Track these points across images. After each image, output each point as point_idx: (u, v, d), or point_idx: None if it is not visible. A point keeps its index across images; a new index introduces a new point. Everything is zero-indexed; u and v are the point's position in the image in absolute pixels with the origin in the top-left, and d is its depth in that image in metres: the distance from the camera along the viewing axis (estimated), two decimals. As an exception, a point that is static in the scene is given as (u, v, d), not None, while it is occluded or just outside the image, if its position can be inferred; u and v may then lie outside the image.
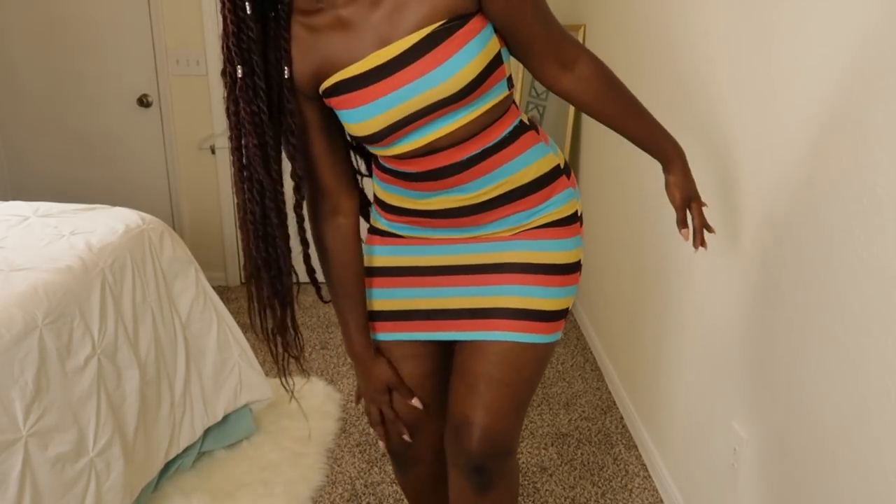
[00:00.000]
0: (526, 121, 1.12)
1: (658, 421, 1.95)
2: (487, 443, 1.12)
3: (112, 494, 1.50)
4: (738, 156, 1.41)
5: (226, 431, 2.03)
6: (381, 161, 1.12)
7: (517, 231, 1.13)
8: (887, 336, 0.94)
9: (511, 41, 1.06)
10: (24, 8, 3.29)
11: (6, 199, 3.51)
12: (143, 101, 3.38)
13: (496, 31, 1.03)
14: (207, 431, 1.97)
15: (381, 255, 1.20)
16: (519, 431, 1.18)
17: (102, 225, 1.84)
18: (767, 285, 1.28)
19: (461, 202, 1.09)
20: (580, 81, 1.09)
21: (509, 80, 1.07)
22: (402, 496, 1.87)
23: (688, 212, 1.18)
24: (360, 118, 1.02)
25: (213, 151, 3.45)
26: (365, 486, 1.93)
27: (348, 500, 1.87)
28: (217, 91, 3.35)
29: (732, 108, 1.44)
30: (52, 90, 3.40)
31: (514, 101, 1.10)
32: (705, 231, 1.21)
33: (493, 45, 1.01)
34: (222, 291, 3.56)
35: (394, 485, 1.93)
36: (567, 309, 1.16)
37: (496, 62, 1.01)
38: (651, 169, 2.01)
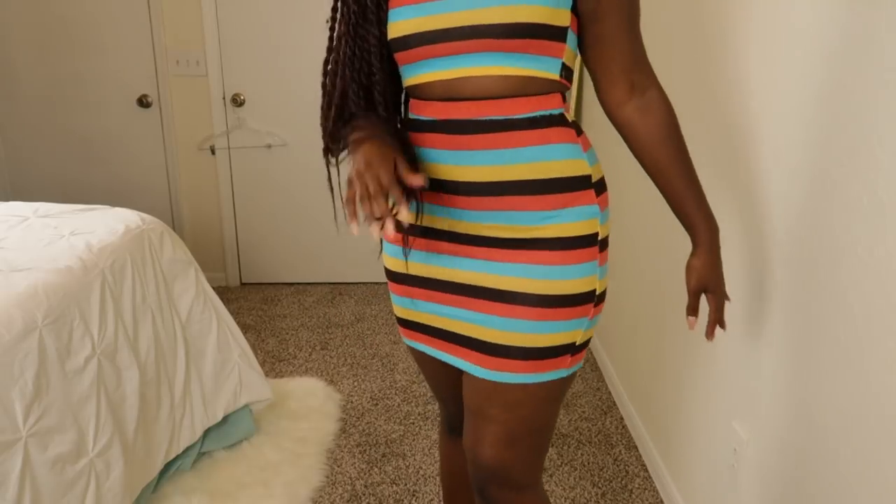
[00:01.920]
0: (569, 118, 1.00)
1: (658, 421, 1.95)
2: (484, 472, 1.06)
3: (112, 495, 1.50)
4: (738, 156, 1.41)
5: (226, 432, 2.03)
6: (407, 114, 1.07)
7: (516, 241, 1.00)
8: (888, 336, 0.94)
9: (590, 35, 0.98)
10: (24, 8, 3.29)
11: (6, 200, 3.51)
12: (143, 102, 3.38)
13: (577, 15, 0.97)
14: (207, 432, 1.97)
15: (390, 256, 1.15)
16: (528, 466, 1.06)
17: (102, 225, 1.84)
18: (767, 285, 1.28)
19: (467, 176, 0.98)
20: (644, 112, 0.99)
21: (565, 69, 0.98)
22: (402, 497, 1.87)
23: (704, 298, 1.05)
24: (400, 16, 0.97)
25: (213, 152, 3.45)
26: (365, 486, 1.93)
27: (348, 501, 1.87)
28: (217, 91, 3.36)
29: (732, 108, 1.44)
30: (51, 90, 3.40)
31: (563, 96, 1.00)
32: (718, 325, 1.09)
33: (563, 14, 0.94)
34: (222, 292, 3.56)
35: (394, 485, 1.93)
36: (573, 343, 1.01)
37: (557, 33, 0.94)
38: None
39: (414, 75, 1.01)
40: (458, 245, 1.04)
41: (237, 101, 3.38)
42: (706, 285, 1.04)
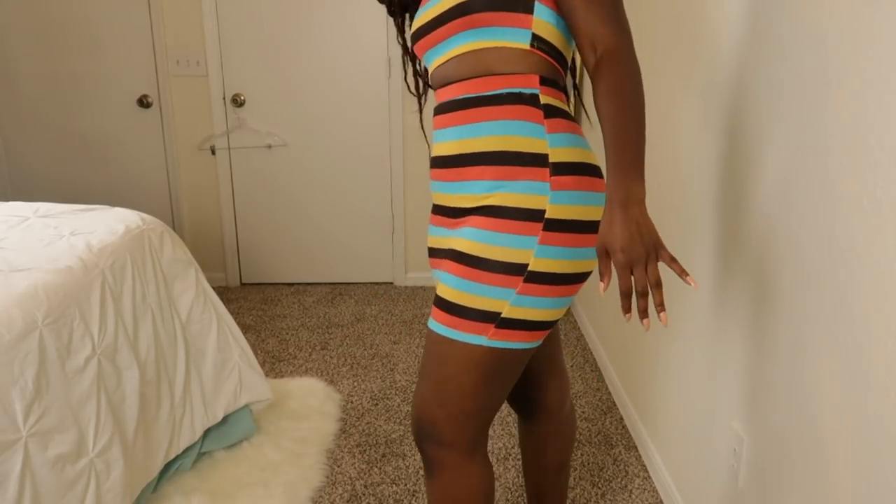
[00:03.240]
0: (543, 100, 1.03)
1: (658, 421, 1.95)
2: (415, 424, 1.13)
3: (112, 495, 1.50)
4: (738, 156, 1.41)
5: (226, 432, 2.03)
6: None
7: (469, 210, 1.07)
8: (887, 336, 0.94)
9: (561, 7, 1.01)
10: (24, 9, 3.29)
11: (6, 200, 3.52)
12: (143, 102, 3.38)
13: None
14: (207, 432, 1.97)
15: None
16: (457, 426, 1.09)
17: (102, 225, 1.84)
18: (767, 285, 1.28)
19: (443, 150, 1.10)
20: (597, 71, 0.97)
21: (539, 40, 1.02)
22: (402, 497, 1.87)
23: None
24: (416, 14, 1.13)
25: (213, 152, 3.45)
26: (365, 486, 1.93)
27: (348, 501, 1.87)
28: (217, 91, 3.36)
29: (732, 108, 1.44)
30: (52, 91, 3.40)
31: (544, 79, 1.03)
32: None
33: None
34: (222, 292, 3.56)
35: (394, 485, 1.93)
36: (497, 314, 1.01)
37: (521, 4, 1.00)
38: (649, 167, 2.01)
39: (428, 67, 1.15)
40: (438, 216, 1.16)
41: (237, 102, 3.38)
42: (604, 243, 0.94)
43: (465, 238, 1.05)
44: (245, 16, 3.28)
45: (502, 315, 1.02)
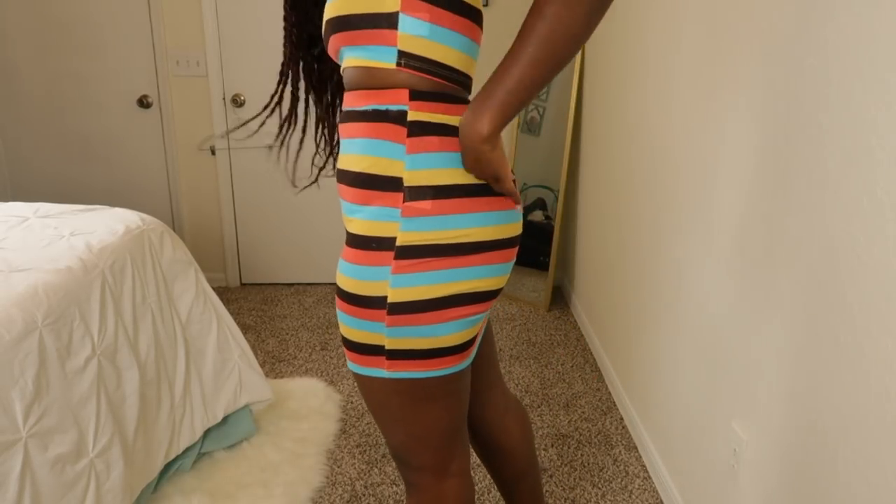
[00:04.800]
0: (411, 118, 0.92)
1: (658, 422, 1.95)
2: (387, 444, 1.11)
3: (112, 495, 1.50)
4: (738, 156, 1.41)
5: (226, 432, 2.03)
6: None
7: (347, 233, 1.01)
8: (887, 337, 0.94)
9: None
10: (24, 9, 3.29)
11: (6, 200, 3.52)
12: (143, 102, 3.38)
13: None
14: (207, 432, 1.97)
15: None
16: (415, 449, 1.08)
17: (102, 226, 1.84)
18: (767, 286, 1.28)
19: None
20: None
21: (406, 57, 0.91)
22: (402, 497, 1.87)
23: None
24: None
25: (213, 152, 3.45)
26: (365, 487, 1.93)
27: (348, 502, 1.87)
28: (217, 92, 3.36)
29: (731, 108, 1.44)
30: (52, 91, 3.40)
31: (418, 93, 0.92)
32: None
33: (387, 0, 0.91)
34: (222, 292, 3.56)
35: (394, 486, 1.93)
36: (381, 346, 0.96)
37: (384, 20, 0.90)
38: (650, 169, 2.01)
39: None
40: None
41: (237, 102, 3.38)
42: (461, 141, 0.91)
43: (338, 269, 1.00)
44: (245, 16, 3.29)
45: (386, 347, 0.96)
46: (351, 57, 0.95)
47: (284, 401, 2.33)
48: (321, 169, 1.25)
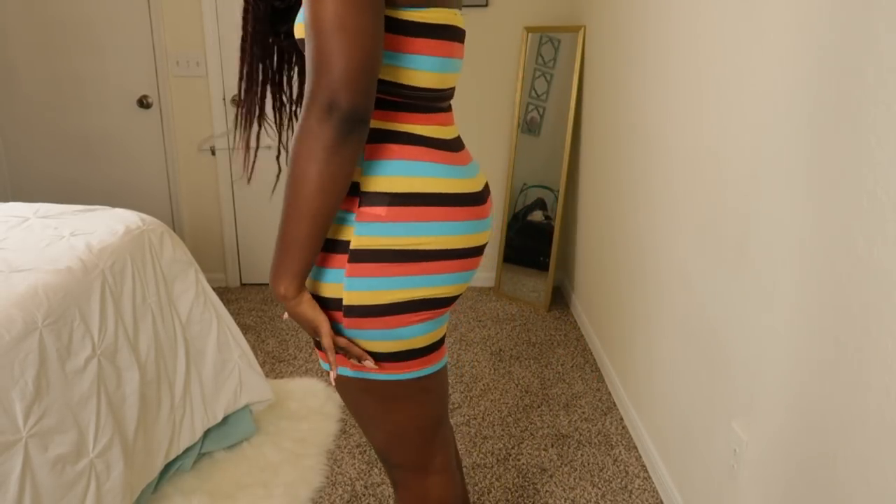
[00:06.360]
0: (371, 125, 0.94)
1: (658, 422, 1.95)
2: (372, 446, 1.15)
3: (112, 495, 1.50)
4: (738, 155, 1.41)
5: (226, 432, 2.03)
6: None
7: None
8: (887, 337, 0.94)
9: None
10: (24, 9, 3.29)
11: (6, 200, 3.52)
12: (143, 103, 3.38)
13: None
14: (207, 432, 1.97)
15: None
16: (394, 448, 1.09)
17: (102, 226, 1.84)
18: (767, 286, 1.28)
19: None
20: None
21: None
22: (402, 497, 1.87)
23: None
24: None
25: (213, 153, 3.45)
26: (365, 487, 1.93)
27: (348, 502, 1.87)
28: (217, 92, 3.36)
29: (731, 108, 1.44)
30: (52, 91, 3.40)
31: (377, 101, 0.92)
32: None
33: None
34: (222, 292, 3.56)
35: (394, 486, 1.93)
36: (336, 345, 0.97)
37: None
38: (650, 169, 2.01)
39: None
40: None
41: (237, 102, 3.38)
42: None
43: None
44: (245, 16, 3.29)
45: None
46: None
47: (284, 401, 2.33)
48: (278, 157, 1.22)
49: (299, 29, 0.93)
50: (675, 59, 1.81)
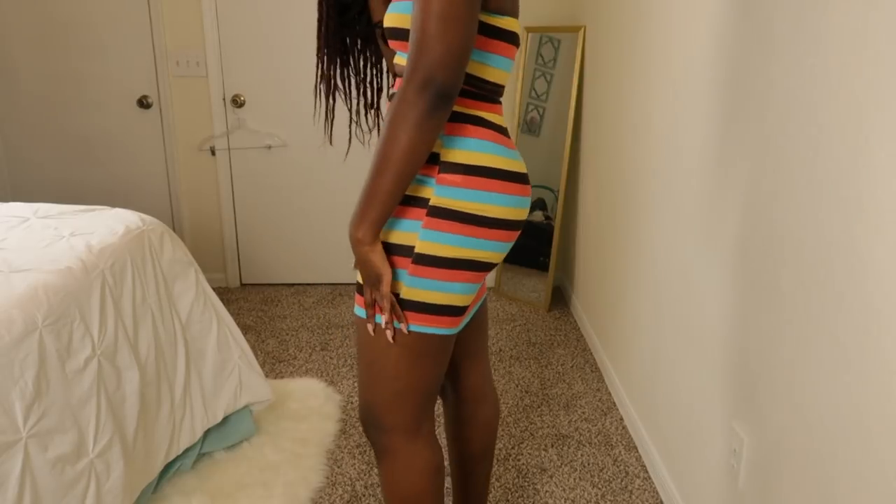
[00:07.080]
0: (472, 113, 1.12)
1: (658, 422, 1.95)
2: (359, 413, 1.22)
3: (112, 496, 1.50)
4: (737, 156, 1.41)
5: (226, 433, 2.03)
6: None
7: None
8: (887, 336, 0.94)
9: None
10: (24, 9, 3.29)
11: (6, 200, 3.52)
12: (143, 103, 3.38)
13: None
14: (207, 433, 1.97)
15: None
16: (389, 409, 1.16)
17: (102, 226, 1.84)
18: (767, 286, 1.28)
19: None
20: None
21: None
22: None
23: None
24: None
25: (212, 153, 3.45)
26: (365, 487, 1.93)
27: (348, 502, 1.87)
28: (216, 92, 3.36)
29: (731, 108, 1.44)
30: (52, 91, 3.40)
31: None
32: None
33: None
34: (222, 293, 3.56)
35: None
36: (394, 293, 1.09)
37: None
38: (650, 169, 2.01)
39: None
40: None
41: (237, 102, 3.38)
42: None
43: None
44: (245, 16, 3.29)
45: (401, 296, 1.08)
46: (404, 57, 1.10)
47: (284, 401, 2.33)
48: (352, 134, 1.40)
49: (390, 18, 1.08)
50: (676, 59, 1.80)
